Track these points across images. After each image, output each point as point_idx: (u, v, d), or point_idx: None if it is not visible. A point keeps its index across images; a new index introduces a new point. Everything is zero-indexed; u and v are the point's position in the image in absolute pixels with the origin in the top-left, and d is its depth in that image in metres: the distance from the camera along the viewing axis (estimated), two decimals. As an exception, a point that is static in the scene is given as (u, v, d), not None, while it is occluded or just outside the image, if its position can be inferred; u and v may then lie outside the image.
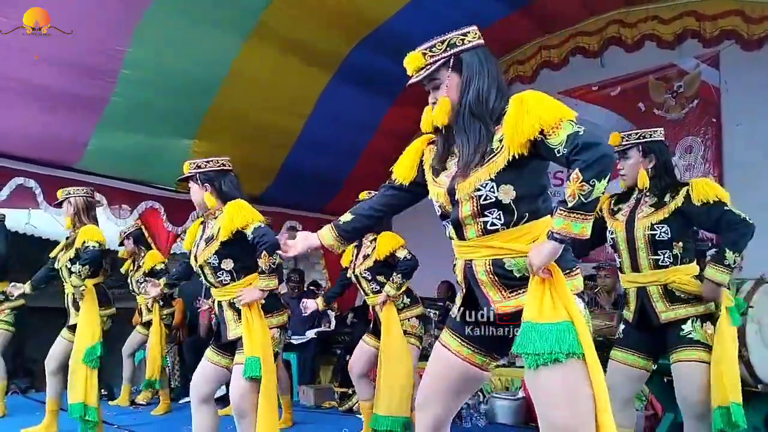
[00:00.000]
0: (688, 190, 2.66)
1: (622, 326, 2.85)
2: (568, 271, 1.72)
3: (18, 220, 6.41)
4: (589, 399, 1.60)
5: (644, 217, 2.71)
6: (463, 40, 1.84)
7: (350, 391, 5.48)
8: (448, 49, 1.83)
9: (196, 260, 3.00)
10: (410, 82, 1.86)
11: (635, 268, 2.73)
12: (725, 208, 2.60)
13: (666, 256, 2.65)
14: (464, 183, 1.76)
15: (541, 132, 1.64)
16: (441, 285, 6.43)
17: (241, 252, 2.94)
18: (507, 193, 1.71)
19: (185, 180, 3.12)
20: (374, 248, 3.90)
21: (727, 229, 2.60)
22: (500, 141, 1.73)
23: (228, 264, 2.94)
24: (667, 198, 2.70)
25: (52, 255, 4.32)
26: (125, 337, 5.70)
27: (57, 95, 4.58)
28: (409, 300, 3.88)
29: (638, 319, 2.74)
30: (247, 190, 6.41)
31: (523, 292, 1.71)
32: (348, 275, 4.15)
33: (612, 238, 2.81)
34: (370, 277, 3.95)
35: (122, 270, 5.63)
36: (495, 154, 1.73)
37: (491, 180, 1.72)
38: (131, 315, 5.85)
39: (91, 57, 4.43)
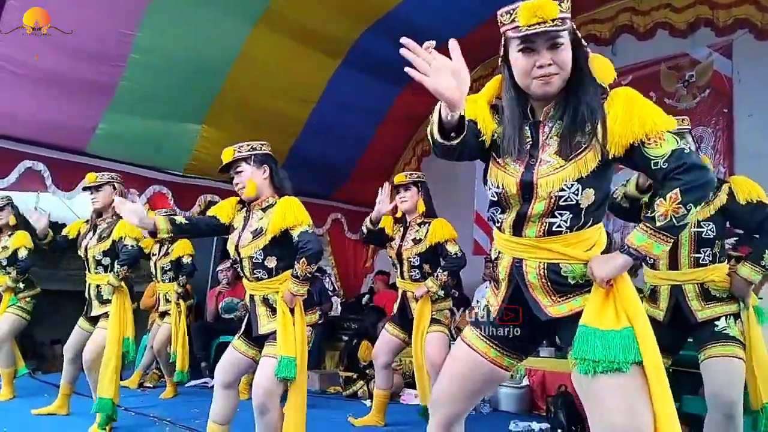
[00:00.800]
0: (730, 188, 2.60)
1: None
2: None
3: (26, 203, 6.44)
4: (647, 403, 1.51)
5: None
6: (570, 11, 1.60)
7: (354, 376, 5.51)
8: (568, 11, 1.58)
9: (237, 251, 2.87)
10: (542, 28, 1.53)
11: (673, 265, 2.65)
12: None
13: (707, 254, 2.60)
14: (548, 179, 1.60)
15: (645, 137, 1.52)
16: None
17: (285, 251, 2.81)
18: (588, 198, 1.59)
19: (230, 165, 2.88)
20: (427, 233, 3.73)
21: None
22: (588, 135, 1.59)
23: (271, 262, 2.82)
24: (710, 194, 2.66)
25: (71, 235, 4.17)
26: (138, 323, 5.70)
27: (66, 80, 4.60)
28: (443, 292, 3.79)
29: (671, 317, 2.68)
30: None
31: (573, 296, 1.64)
32: (389, 254, 3.97)
33: None
34: (417, 263, 3.78)
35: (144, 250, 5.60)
36: (583, 150, 1.59)
37: (578, 181, 1.58)
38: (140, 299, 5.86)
39: (100, 42, 4.44)
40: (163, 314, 5.50)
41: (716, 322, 2.58)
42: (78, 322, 4.11)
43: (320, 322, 6.42)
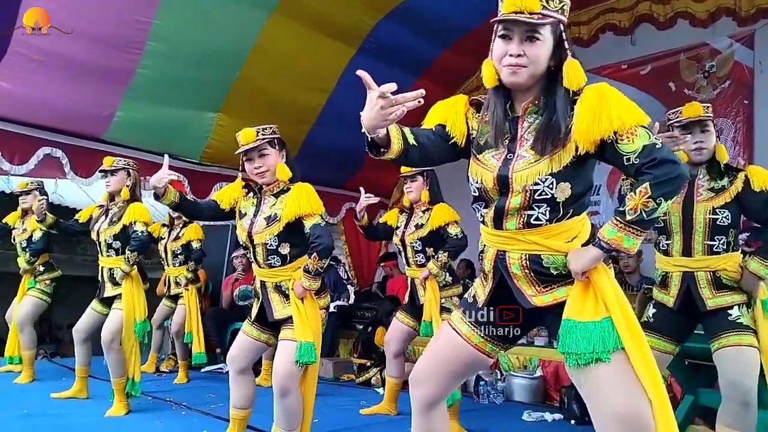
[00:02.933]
0: (746, 176, 2.59)
1: (652, 310, 2.79)
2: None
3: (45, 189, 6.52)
4: (640, 385, 1.54)
5: (705, 200, 2.62)
6: (566, 10, 1.64)
7: (368, 364, 5.54)
8: (560, 11, 1.61)
9: (250, 238, 2.86)
10: (517, 17, 1.57)
11: (687, 252, 2.64)
12: None
13: (721, 242, 2.59)
14: (523, 173, 1.64)
15: (615, 133, 1.54)
16: (460, 263, 6.43)
17: (299, 238, 2.82)
18: (563, 191, 1.63)
19: (251, 147, 2.82)
20: (429, 219, 3.78)
21: None
22: (562, 134, 1.62)
23: (285, 248, 2.83)
24: (725, 182, 2.62)
25: (82, 220, 4.29)
26: (153, 308, 5.78)
27: (84, 67, 4.63)
28: (451, 279, 3.79)
29: (680, 303, 2.68)
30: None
31: (557, 286, 1.68)
32: (394, 241, 4.05)
33: (663, 219, 2.66)
34: (419, 248, 3.82)
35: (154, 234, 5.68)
36: (558, 146, 1.63)
37: (552, 175, 1.62)
38: (156, 286, 5.91)
39: (118, 29, 4.47)
40: (174, 297, 5.60)
41: (729, 311, 2.57)
42: (91, 304, 4.19)
43: (334, 311, 6.51)
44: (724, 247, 2.59)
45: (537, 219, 1.66)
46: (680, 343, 2.78)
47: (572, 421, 3.96)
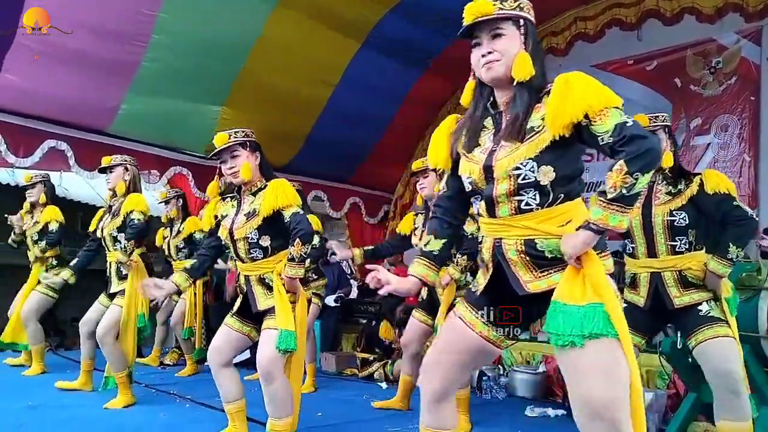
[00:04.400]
0: (701, 179, 2.72)
1: (623, 305, 2.88)
2: (599, 252, 1.68)
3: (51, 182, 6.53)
4: (622, 375, 1.59)
5: (662, 204, 2.76)
6: (526, 8, 1.80)
7: (371, 358, 5.55)
8: (518, 9, 1.77)
9: (231, 234, 2.97)
10: (475, 20, 1.75)
11: (652, 253, 2.78)
12: (734, 202, 2.66)
13: (683, 242, 2.72)
14: (504, 160, 1.73)
15: (586, 116, 1.61)
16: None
17: (278, 231, 2.93)
18: (546, 175, 1.68)
19: (221, 150, 2.97)
20: None
21: (734, 223, 2.66)
22: (542, 120, 1.70)
23: (266, 241, 2.93)
24: (681, 186, 2.76)
25: (91, 229, 4.29)
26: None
27: (89, 60, 4.63)
28: (473, 278, 3.74)
29: (651, 303, 2.80)
30: (273, 159, 6.40)
31: (554, 271, 1.71)
32: (414, 244, 4.02)
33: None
34: None
35: (156, 243, 5.66)
36: (537, 133, 1.70)
37: (532, 159, 1.69)
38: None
39: (123, 22, 4.47)
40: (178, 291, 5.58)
41: (699, 308, 2.68)
42: (99, 298, 4.23)
43: (336, 304, 6.52)
44: (686, 246, 2.72)
45: (527, 204, 1.72)
46: (647, 338, 2.93)
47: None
